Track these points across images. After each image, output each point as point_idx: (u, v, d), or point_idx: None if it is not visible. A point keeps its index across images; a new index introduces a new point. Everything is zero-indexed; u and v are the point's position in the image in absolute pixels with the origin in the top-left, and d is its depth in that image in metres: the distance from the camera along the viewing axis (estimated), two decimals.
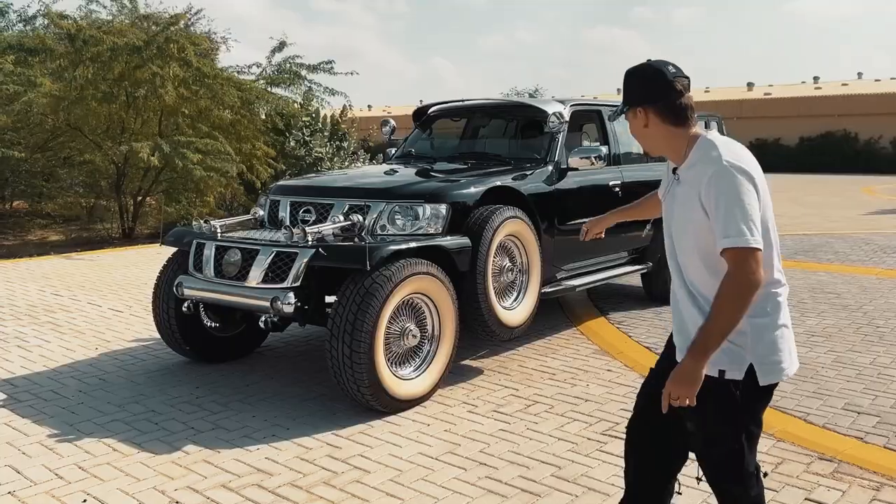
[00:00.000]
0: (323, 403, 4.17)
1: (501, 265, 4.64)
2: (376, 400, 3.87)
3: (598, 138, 6.08)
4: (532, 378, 4.63)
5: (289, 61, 13.84)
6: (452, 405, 4.16)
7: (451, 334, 4.27)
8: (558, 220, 5.22)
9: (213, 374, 4.71)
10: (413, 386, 4.08)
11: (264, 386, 4.49)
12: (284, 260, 4.03)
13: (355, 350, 3.75)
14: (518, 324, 4.69)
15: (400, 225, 4.37)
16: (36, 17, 13.23)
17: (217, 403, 4.19)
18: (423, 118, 6.38)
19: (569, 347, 5.33)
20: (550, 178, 5.23)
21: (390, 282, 3.85)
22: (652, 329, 5.81)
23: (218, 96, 11.75)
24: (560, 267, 5.40)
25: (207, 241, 4.41)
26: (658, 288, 6.61)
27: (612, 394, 4.33)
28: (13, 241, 12.49)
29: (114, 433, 3.74)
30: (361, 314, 3.76)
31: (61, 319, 6.22)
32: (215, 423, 3.88)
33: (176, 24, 11.59)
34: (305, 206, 4.64)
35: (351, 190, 4.63)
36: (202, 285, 4.31)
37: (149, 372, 4.78)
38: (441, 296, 4.18)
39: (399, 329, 4.04)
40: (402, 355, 4.12)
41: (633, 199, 6.21)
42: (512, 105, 6.01)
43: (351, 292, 3.83)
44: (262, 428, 3.82)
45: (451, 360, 4.30)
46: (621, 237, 6.08)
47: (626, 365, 4.90)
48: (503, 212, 4.50)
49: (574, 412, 4.05)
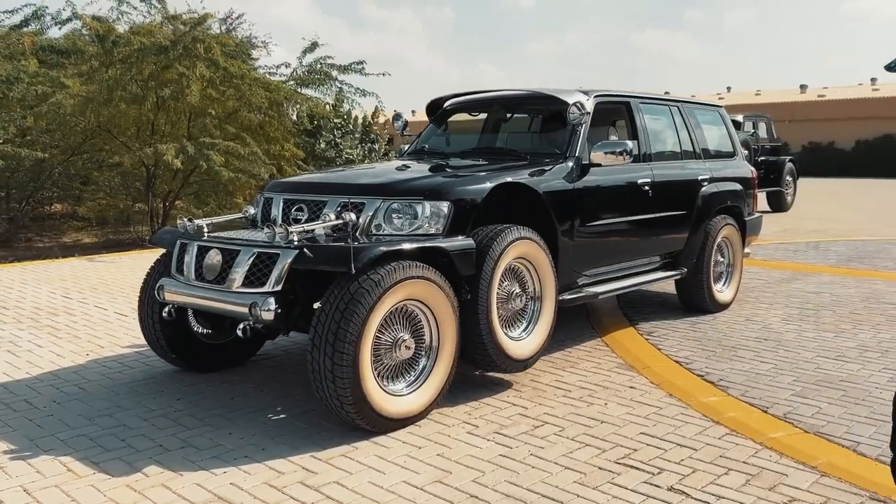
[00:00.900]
0: (310, 420, 3.79)
1: (509, 291, 4.20)
2: (362, 418, 3.47)
3: (627, 133, 5.60)
4: (544, 395, 4.18)
5: (319, 62, 13.60)
6: (451, 424, 3.74)
7: (451, 346, 3.85)
8: (579, 220, 4.76)
9: (201, 385, 4.37)
10: (406, 403, 3.66)
11: (251, 399, 4.13)
12: (265, 262, 3.67)
13: (337, 362, 3.36)
14: (527, 356, 4.24)
15: (397, 224, 3.97)
16: (70, 20, 13.20)
17: (195, 418, 3.84)
18: (437, 112, 5.97)
19: (589, 360, 4.86)
20: (570, 174, 4.77)
21: (379, 286, 3.45)
22: (684, 342, 5.30)
23: (245, 97, 11.54)
24: (581, 272, 4.93)
25: (190, 241, 4.07)
26: (693, 296, 6.08)
27: (632, 415, 3.86)
28: (47, 244, 12.49)
29: (74, 450, 3.41)
30: (345, 322, 3.36)
31: (62, 323, 5.97)
32: (186, 441, 3.53)
33: (203, 24, 11.41)
34: (298, 204, 4.27)
35: (345, 186, 4.24)
36: (183, 289, 3.97)
37: (133, 381, 4.46)
38: (440, 303, 3.77)
39: (391, 339, 3.64)
40: (395, 369, 3.71)
41: (665, 200, 5.82)
42: (531, 96, 5.55)
43: (335, 298, 3.44)
44: (236, 447, 3.45)
45: (451, 376, 3.88)
46: (653, 239, 5.58)
47: (652, 382, 4.41)
48: (510, 233, 4.07)
49: (586, 436, 3.58)
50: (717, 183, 6.15)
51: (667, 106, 6.04)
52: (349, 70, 13.57)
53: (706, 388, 4.29)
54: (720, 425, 3.71)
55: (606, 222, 5.04)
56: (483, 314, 3.90)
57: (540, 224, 4.54)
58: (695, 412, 3.90)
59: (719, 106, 6.82)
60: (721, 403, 4.03)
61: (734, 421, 3.76)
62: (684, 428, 3.68)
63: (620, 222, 5.20)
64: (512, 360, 4.14)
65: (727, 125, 6.80)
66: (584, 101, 4.94)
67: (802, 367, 4.64)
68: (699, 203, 5.94)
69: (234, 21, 22.89)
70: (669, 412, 3.90)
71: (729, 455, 3.35)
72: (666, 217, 5.60)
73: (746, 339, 5.35)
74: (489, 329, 3.94)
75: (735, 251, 6.43)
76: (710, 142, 6.44)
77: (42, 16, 13.77)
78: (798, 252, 9.76)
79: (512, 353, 4.12)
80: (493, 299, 3.96)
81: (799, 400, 4.05)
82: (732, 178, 6.44)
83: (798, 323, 5.80)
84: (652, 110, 5.81)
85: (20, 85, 10.37)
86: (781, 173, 16.01)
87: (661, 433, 3.61)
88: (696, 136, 6.21)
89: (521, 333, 4.30)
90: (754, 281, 7.61)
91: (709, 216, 6.03)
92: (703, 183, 6.01)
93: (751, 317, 6.04)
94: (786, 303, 6.54)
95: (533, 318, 4.39)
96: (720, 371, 4.58)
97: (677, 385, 4.33)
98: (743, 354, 4.94)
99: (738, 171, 6.59)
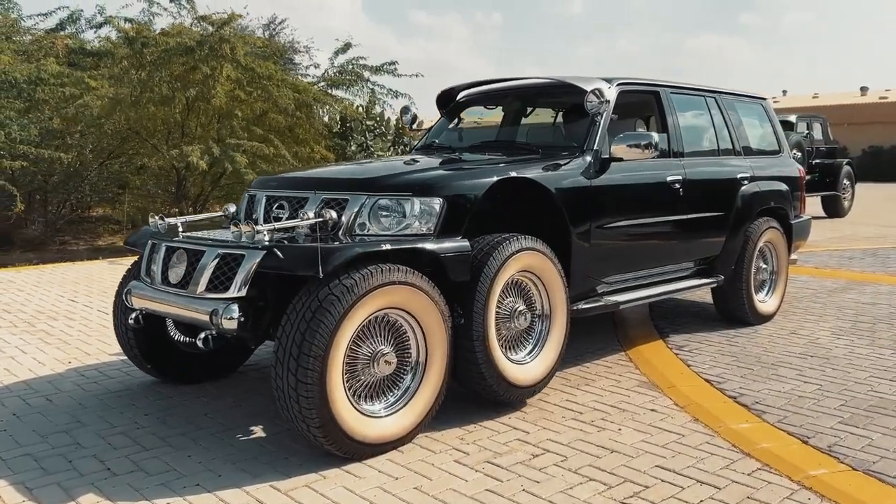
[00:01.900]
0: (280, 443, 3.38)
1: (512, 309, 3.74)
2: (331, 443, 3.05)
3: (657, 126, 5.08)
4: (551, 417, 3.70)
5: (351, 62, 13.31)
6: (438, 451, 3.28)
7: (441, 362, 3.40)
8: (597, 222, 4.26)
9: (175, 399, 4.01)
10: (385, 426, 3.22)
11: (224, 416, 3.75)
12: (230, 264, 3.27)
13: (302, 379, 2.94)
14: (532, 382, 3.77)
15: (384, 223, 3.54)
16: (104, 24, 13.15)
17: (157, 437, 3.46)
18: (449, 105, 5.53)
19: (608, 377, 4.35)
20: (588, 170, 4.28)
21: (351, 293, 3.02)
22: (718, 357, 4.74)
23: (273, 98, 11.28)
24: (600, 279, 4.43)
25: (159, 241, 3.71)
26: (732, 306, 5.51)
27: (648, 443, 3.35)
28: (81, 247, 12.43)
29: (12, 473, 3.06)
30: (311, 334, 2.95)
31: (57, 328, 5.70)
32: (138, 465, 3.15)
33: (230, 24, 11.19)
34: (279, 202, 3.88)
35: (327, 181, 3.83)
36: (149, 293, 3.61)
37: (105, 393, 4.12)
38: (427, 313, 3.32)
39: (369, 353, 3.21)
40: (375, 386, 3.28)
41: (698, 200, 5.26)
42: (548, 85, 5.07)
43: (301, 306, 3.02)
44: (190, 473, 3.06)
45: (440, 395, 3.43)
46: (684, 243, 5.04)
47: (677, 404, 3.89)
48: (511, 243, 3.61)
49: (592, 468, 3.09)
50: (758, 182, 5.58)
51: (702, 96, 5.49)
52: (381, 71, 13.25)
53: (738, 412, 3.76)
54: (751, 458, 3.19)
55: (629, 224, 4.53)
56: (478, 336, 3.45)
57: (554, 227, 4.08)
58: (722, 441, 3.38)
59: (763, 98, 6.22)
60: (754, 431, 3.49)
61: (768, 453, 3.23)
62: (708, 461, 3.16)
63: (646, 224, 4.69)
64: (514, 388, 3.67)
65: (772, 119, 6.20)
66: (605, 89, 4.45)
67: (852, 390, 4.06)
68: (738, 204, 5.37)
69: (277, 27, 22.92)
70: (692, 441, 3.38)
71: (758, 497, 2.82)
72: (699, 219, 5.06)
73: (789, 355, 4.77)
74: (486, 352, 3.48)
75: (779, 257, 5.84)
76: (751, 137, 5.86)
77: (78, 19, 13.78)
78: (854, 259, 9.03)
79: (514, 379, 3.66)
80: (490, 319, 3.51)
81: (847, 429, 3.49)
82: (777, 177, 5.85)
83: (850, 337, 5.19)
84: (685, 101, 5.28)
85: (45, 86, 10.25)
86: (838, 177, 15.13)
87: (680, 466, 3.10)
88: (736, 131, 5.65)
89: (526, 356, 3.83)
90: (803, 290, 6.98)
91: (749, 218, 5.46)
92: (742, 182, 5.45)
93: (796, 330, 5.44)
94: (837, 315, 5.92)
95: (540, 338, 3.91)
96: (756, 392, 4.04)
97: (705, 408, 3.80)
98: (784, 373, 4.38)
99: (784, 170, 5.99)
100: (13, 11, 13.28)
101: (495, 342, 3.58)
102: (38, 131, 10.21)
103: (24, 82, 10.01)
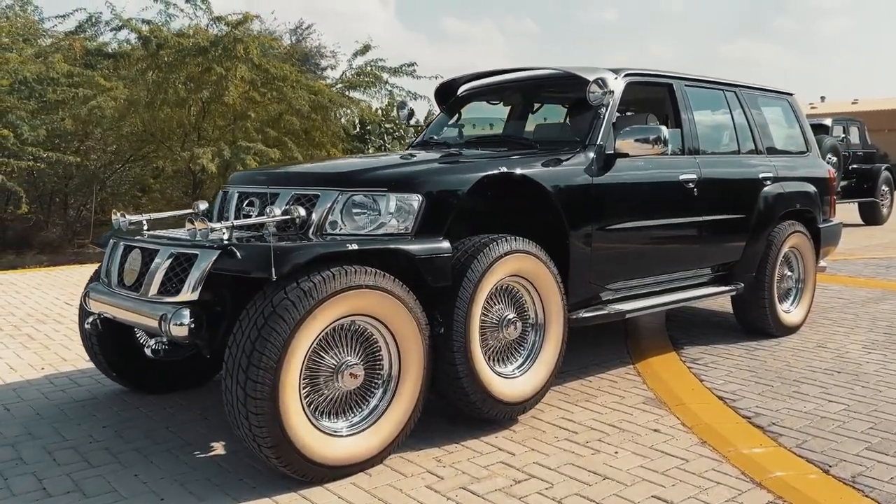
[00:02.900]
0: (238, 462, 3.07)
1: (501, 317, 3.42)
2: (285, 464, 2.73)
3: (670, 121, 4.70)
4: (542, 437, 3.35)
5: (370, 64, 13.07)
6: (410, 474, 2.95)
7: (416, 376, 3.07)
8: (599, 223, 3.91)
9: (140, 410, 3.73)
10: (350, 446, 2.90)
11: (186, 430, 3.46)
12: (184, 264, 2.98)
13: (251, 394, 2.63)
14: (522, 399, 3.44)
15: (358, 222, 3.23)
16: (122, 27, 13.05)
17: (108, 453, 3.18)
18: (449, 99, 5.21)
19: (611, 393, 3.98)
20: (590, 166, 3.92)
21: (309, 297, 2.71)
22: (735, 372, 4.35)
23: (287, 99, 11.08)
24: (603, 286, 4.07)
25: (118, 240, 3.44)
26: (753, 316, 5.10)
27: (646, 469, 2.98)
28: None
29: None
30: (261, 343, 2.64)
31: (42, 332, 5.48)
32: (77, 485, 2.87)
33: (244, 24, 11.02)
34: (251, 198, 3.59)
35: (299, 176, 3.54)
36: (104, 296, 3.34)
37: (68, 403, 3.86)
38: (400, 322, 3.00)
39: (333, 365, 2.89)
40: (341, 401, 2.96)
41: (715, 201, 4.84)
42: (552, 76, 4.71)
43: (254, 312, 2.72)
44: (130, 496, 2.76)
45: (415, 412, 3.10)
46: (699, 247, 4.66)
47: (684, 424, 3.51)
48: (498, 245, 3.29)
49: (579, 497, 2.74)
50: (782, 183, 5.16)
51: (721, 90, 5.10)
52: (400, 73, 12.98)
53: (752, 434, 3.37)
54: (762, 489, 2.81)
55: (637, 226, 4.16)
56: (460, 347, 3.12)
57: (553, 229, 3.74)
58: (731, 468, 3.00)
59: (789, 93, 5.80)
60: (768, 457, 3.10)
61: (782, 484, 2.84)
62: (713, 490, 2.78)
63: (655, 226, 4.31)
64: (501, 404, 3.34)
65: (799, 117, 5.78)
66: (609, 79, 4.09)
67: (883, 411, 3.65)
68: (760, 206, 4.97)
69: (304, 32, 22.83)
70: (697, 467, 3.01)
71: None
72: (716, 221, 4.67)
73: (814, 370, 4.35)
74: (468, 365, 3.15)
75: (806, 264, 5.41)
76: (776, 135, 5.45)
77: (97, 22, 13.73)
78: (892, 269, 8.51)
79: (501, 395, 3.32)
80: (473, 328, 3.18)
81: (874, 457, 3.09)
82: (803, 177, 5.43)
83: (883, 352, 4.75)
84: (701, 95, 4.89)
85: (56, 86, 10.15)
86: (876, 182, 14.51)
87: (680, 497, 2.73)
88: (758, 128, 5.24)
89: (515, 370, 3.49)
90: (834, 300, 6.52)
91: (772, 221, 5.04)
92: (765, 182, 5.04)
93: (823, 343, 5.01)
94: (870, 327, 5.47)
95: (533, 350, 3.57)
96: (774, 412, 3.64)
97: (715, 430, 3.42)
98: (807, 391, 3.97)
99: (811, 171, 5.56)
100: (34, 13, 13.26)
101: (479, 354, 3.25)
102: (48, 132, 10.09)
103: (33, 81, 9.90)
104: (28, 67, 9.91)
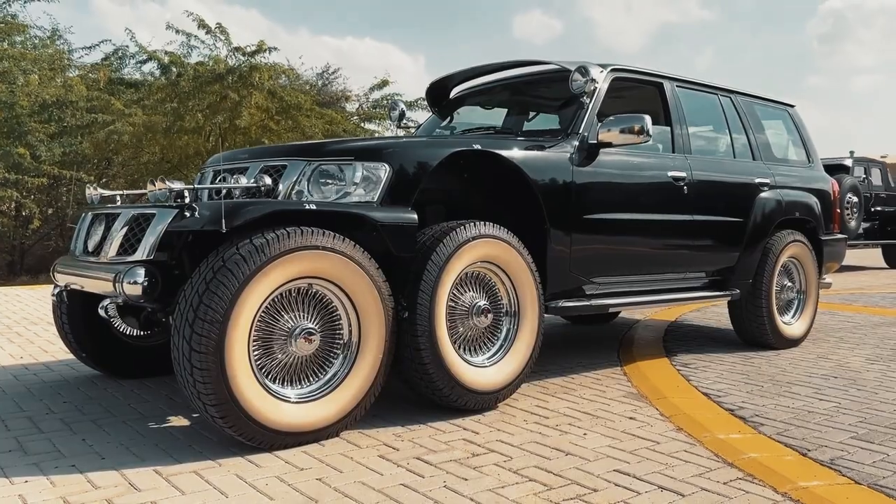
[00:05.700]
0: (194, 433, 2.98)
1: (471, 304, 3.33)
2: (230, 424, 2.64)
3: (661, 118, 4.63)
4: (511, 420, 3.21)
5: (386, 98, 13.22)
6: (365, 446, 2.83)
7: (376, 349, 2.97)
8: (580, 211, 3.82)
9: (108, 391, 3.67)
10: (302, 413, 2.80)
11: (148, 406, 3.38)
12: (142, 225, 2.95)
13: (196, 348, 2.56)
14: (494, 388, 3.32)
15: (325, 192, 3.18)
16: (148, 60, 13.39)
17: (62, 422, 3.11)
18: (441, 101, 5.19)
19: (593, 388, 3.84)
20: (572, 155, 3.85)
21: (261, 253, 2.65)
22: (725, 374, 4.18)
23: (301, 127, 11.22)
24: (587, 279, 3.95)
25: (87, 213, 3.43)
26: (749, 325, 4.93)
27: (614, 448, 2.84)
28: None
29: None
30: (208, 297, 2.58)
31: (31, 330, 5.48)
32: (22, 445, 2.79)
33: (260, 53, 11.23)
34: (223, 174, 3.57)
35: (270, 150, 3.51)
36: (69, 266, 3.31)
37: (38, 384, 3.82)
38: (361, 289, 2.92)
39: (288, 328, 2.81)
40: (295, 367, 2.87)
41: (707, 202, 4.72)
42: (541, 74, 4.66)
43: (205, 267, 2.66)
44: (73, 455, 2.68)
45: (374, 386, 2.99)
46: (689, 249, 4.53)
47: (662, 414, 3.35)
48: (465, 230, 3.22)
49: (537, 469, 2.60)
50: (780, 190, 5.04)
51: (715, 95, 5.03)
52: (415, 106, 13.11)
53: (732, 423, 3.21)
54: (733, 468, 2.64)
55: (620, 218, 4.06)
56: (424, 332, 3.03)
57: (532, 215, 3.66)
58: (704, 450, 2.84)
59: (791, 105, 5.71)
60: (744, 442, 2.94)
61: (754, 463, 2.68)
62: (679, 468, 2.63)
63: (640, 221, 4.20)
64: (471, 393, 3.22)
65: (800, 129, 5.67)
66: (592, 70, 4.05)
67: (876, 409, 3.46)
68: (756, 211, 4.84)
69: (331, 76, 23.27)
70: (667, 448, 2.85)
71: None
72: (707, 223, 4.55)
73: (810, 375, 4.17)
74: (433, 351, 3.05)
75: (808, 275, 5.24)
76: (774, 144, 5.35)
77: (124, 55, 14.11)
78: None
79: (471, 384, 3.21)
80: (439, 313, 3.09)
81: (859, 444, 2.91)
82: (804, 188, 5.30)
83: (886, 363, 4.54)
84: (694, 98, 4.83)
85: (74, 109, 10.39)
86: None
87: (643, 472, 2.58)
88: (755, 135, 5.14)
89: (485, 360, 3.38)
90: (843, 323, 6.30)
91: (769, 228, 4.91)
92: (761, 188, 4.92)
93: (826, 354, 4.82)
94: (877, 344, 5.25)
95: (507, 338, 3.46)
96: (758, 406, 3.47)
97: (694, 419, 3.26)
98: (798, 391, 3.80)
99: (812, 181, 5.43)
100: (63, 45, 13.65)
101: (447, 340, 3.15)
102: (65, 154, 10.29)
103: (52, 105, 10.14)
104: (48, 91, 10.15)
